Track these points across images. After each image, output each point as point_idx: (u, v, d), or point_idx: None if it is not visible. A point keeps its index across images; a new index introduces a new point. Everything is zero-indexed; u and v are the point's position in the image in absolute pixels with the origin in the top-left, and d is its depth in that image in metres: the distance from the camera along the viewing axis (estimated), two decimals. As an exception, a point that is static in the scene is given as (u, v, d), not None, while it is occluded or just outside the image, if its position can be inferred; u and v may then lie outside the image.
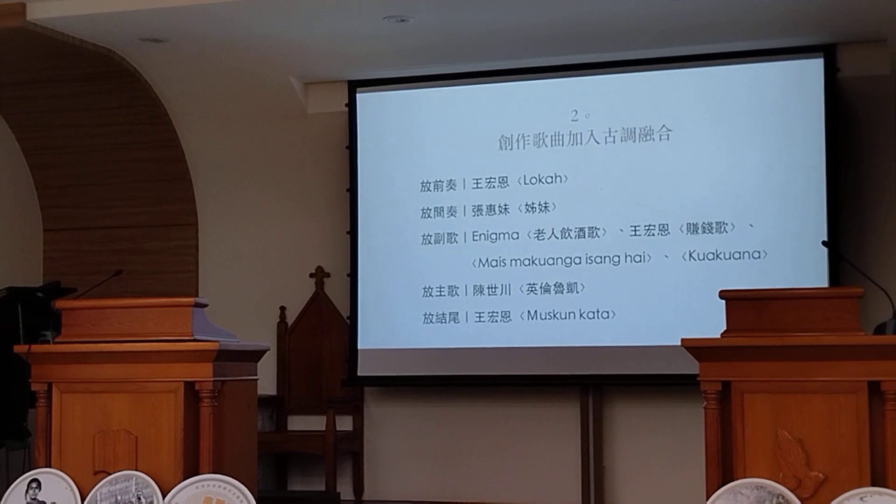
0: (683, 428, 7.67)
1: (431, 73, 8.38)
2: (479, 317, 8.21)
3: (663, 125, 7.93)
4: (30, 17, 7.38)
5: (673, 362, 7.11)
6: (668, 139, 7.93)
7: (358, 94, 8.54)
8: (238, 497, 5.25)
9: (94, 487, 5.44)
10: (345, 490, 8.45)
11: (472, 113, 8.32)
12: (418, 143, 8.43)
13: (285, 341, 8.79)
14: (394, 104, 8.50)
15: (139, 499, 5.32)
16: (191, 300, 5.70)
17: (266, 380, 8.25)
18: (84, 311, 5.80)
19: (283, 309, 8.81)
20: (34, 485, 5.51)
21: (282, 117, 8.75)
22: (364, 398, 8.62)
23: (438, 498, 8.31)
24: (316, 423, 8.46)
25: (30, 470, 5.78)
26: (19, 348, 5.84)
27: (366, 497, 8.54)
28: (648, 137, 7.96)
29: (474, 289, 8.23)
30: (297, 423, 8.72)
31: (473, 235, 8.28)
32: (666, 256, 7.88)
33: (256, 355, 6.01)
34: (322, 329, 8.76)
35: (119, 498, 5.35)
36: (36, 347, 5.80)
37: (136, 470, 5.46)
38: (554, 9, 7.17)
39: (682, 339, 5.27)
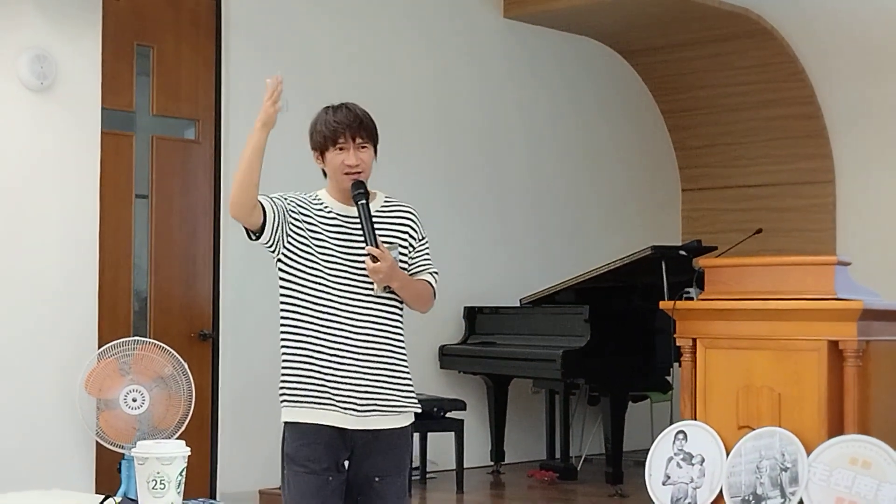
0: None
1: None
2: None
3: None
4: (671, -18, 7.63)
5: None
6: None
7: None
8: (885, 459, 5.12)
9: (738, 441, 5.53)
10: None
11: None
12: None
13: (928, 301, 8.40)
14: None
15: (783, 455, 5.33)
16: (833, 258, 5.63)
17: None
18: (726, 268, 5.89)
19: (926, 268, 8.45)
20: (680, 436, 5.67)
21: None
22: None
23: None
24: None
25: (674, 422, 5.96)
26: (665, 304, 6.06)
27: None
28: None
29: None
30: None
31: None
32: None
33: (902, 315, 5.82)
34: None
35: (763, 453, 5.39)
36: (680, 304, 5.97)
37: (780, 427, 5.47)
38: None
39: None
